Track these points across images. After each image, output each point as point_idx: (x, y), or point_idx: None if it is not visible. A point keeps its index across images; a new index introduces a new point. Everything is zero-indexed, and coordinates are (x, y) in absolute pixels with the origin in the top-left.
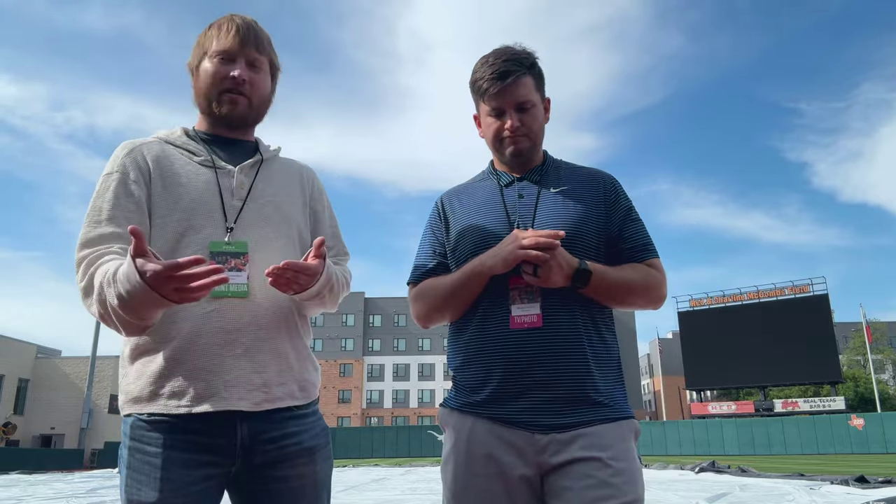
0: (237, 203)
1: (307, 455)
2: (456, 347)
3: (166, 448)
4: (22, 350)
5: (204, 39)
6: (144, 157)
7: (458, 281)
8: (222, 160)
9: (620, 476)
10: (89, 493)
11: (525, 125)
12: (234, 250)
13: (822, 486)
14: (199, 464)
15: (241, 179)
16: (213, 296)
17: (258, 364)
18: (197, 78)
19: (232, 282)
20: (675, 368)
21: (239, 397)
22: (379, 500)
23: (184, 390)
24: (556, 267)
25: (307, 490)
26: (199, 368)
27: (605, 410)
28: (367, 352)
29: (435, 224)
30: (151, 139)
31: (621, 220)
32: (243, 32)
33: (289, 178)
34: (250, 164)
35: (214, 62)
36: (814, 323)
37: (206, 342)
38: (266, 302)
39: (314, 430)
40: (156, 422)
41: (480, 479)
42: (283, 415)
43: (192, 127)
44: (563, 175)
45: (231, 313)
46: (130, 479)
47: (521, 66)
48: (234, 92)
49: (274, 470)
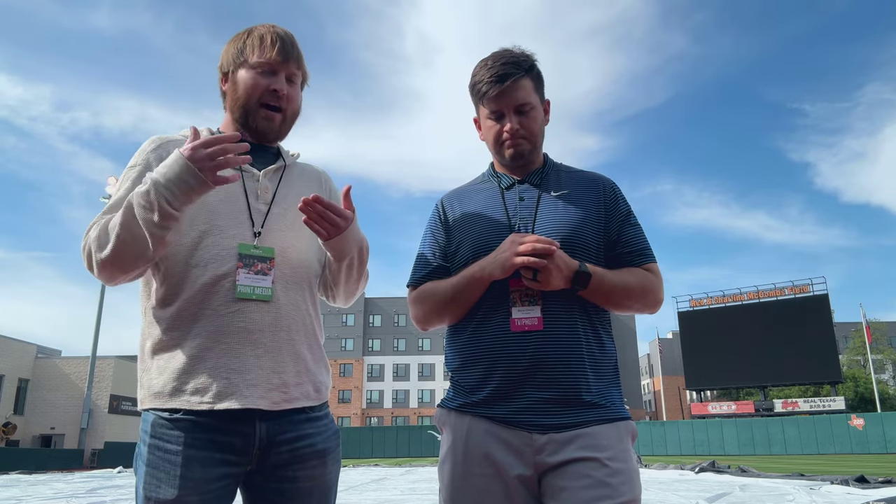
0: (262, 207)
1: (319, 458)
2: (455, 349)
3: (187, 446)
4: (22, 350)
5: (243, 46)
6: (170, 153)
7: (459, 286)
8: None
9: (618, 476)
10: (89, 493)
11: (524, 128)
12: (261, 255)
13: (822, 486)
14: (218, 462)
15: (266, 184)
16: (238, 297)
17: (278, 364)
18: (232, 85)
19: (257, 284)
20: (675, 368)
21: (259, 396)
22: (379, 500)
23: (206, 387)
24: (556, 270)
25: (315, 491)
26: (221, 367)
27: (602, 411)
28: (367, 352)
29: (435, 227)
30: (179, 136)
31: (620, 225)
32: (288, 47)
33: (309, 183)
34: (274, 169)
35: (256, 73)
36: (814, 323)
37: (230, 341)
38: (287, 305)
39: (327, 433)
40: (177, 420)
41: (478, 479)
42: (299, 416)
43: (218, 128)
44: (563, 179)
45: (254, 315)
46: (149, 477)
47: (519, 68)
48: (271, 107)
49: (286, 470)
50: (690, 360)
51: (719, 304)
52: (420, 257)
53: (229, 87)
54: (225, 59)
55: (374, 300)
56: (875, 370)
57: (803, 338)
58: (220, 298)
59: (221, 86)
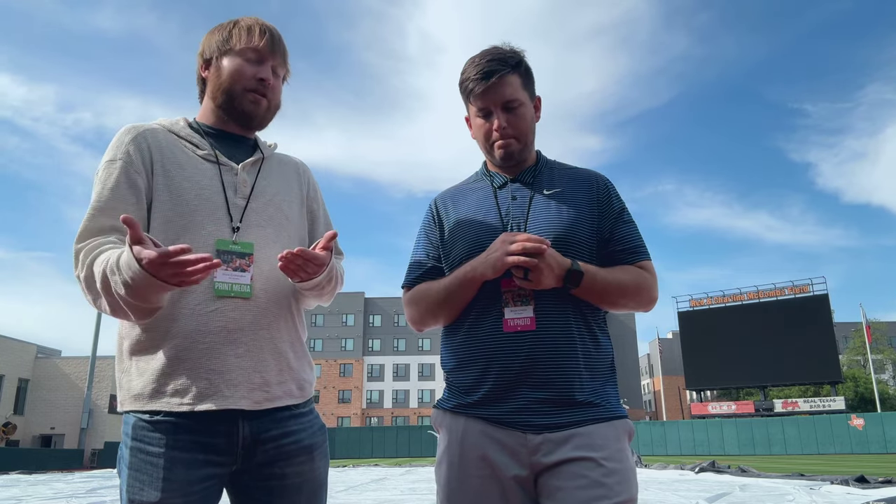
0: (240, 201)
1: (306, 453)
2: (449, 350)
3: (169, 448)
4: (22, 350)
5: (229, 35)
6: (149, 144)
7: (451, 286)
8: (224, 156)
9: (613, 476)
10: (89, 493)
11: (512, 125)
12: (240, 250)
13: (822, 486)
14: (202, 463)
15: (244, 177)
16: (216, 294)
17: (259, 363)
18: (216, 71)
19: (235, 281)
20: (675, 368)
21: (241, 396)
22: (379, 500)
23: (186, 388)
24: (547, 269)
25: (304, 487)
26: (201, 367)
27: (597, 410)
28: (367, 352)
29: (429, 227)
30: (155, 125)
31: (613, 223)
32: (276, 40)
33: (287, 176)
34: (251, 162)
35: (242, 61)
36: (814, 323)
37: (210, 341)
38: (267, 302)
39: (312, 429)
40: (158, 422)
41: (474, 481)
42: (283, 414)
43: (194, 119)
44: (556, 176)
45: (233, 313)
46: (132, 479)
47: (505, 64)
48: (258, 92)
49: (273, 468)
50: (690, 360)
51: (719, 304)
52: (414, 258)
53: (212, 74)
54: (207, 47)
55: (374, 300)
56: (875, 370)
57: (803, 338)
58: (198, 297)
59: (201, 72)
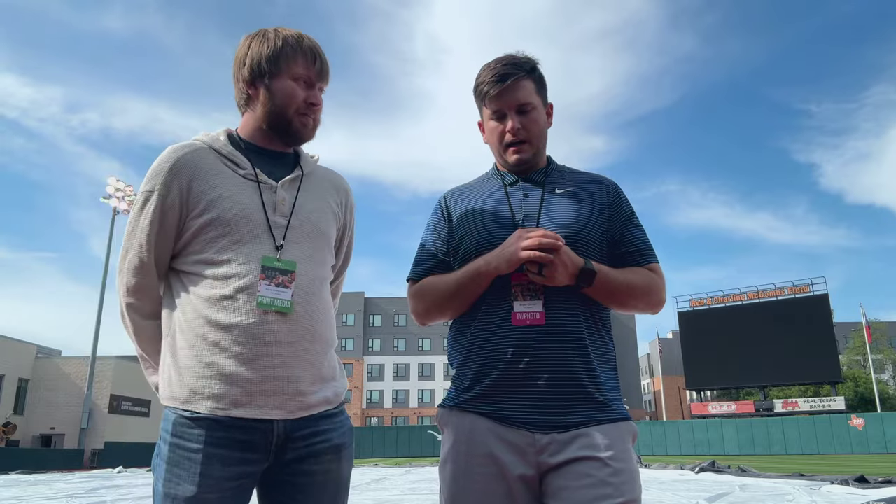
0: (280, 219)
1: (334, 452)
2: (457, 344)
3: (207, 445)
4: (22, 350)
5: (279, 55)
6: (189, 170)
7: (462, 280)
8: (264, 174)
9: (619, 476)
10: (89, 493)
11: (525, 127)
12: (283, 268)
13: (822, 486)
14: (238, 461)
15: (283, 195)
16: (258, 307)
17: (294, 375)
18: (267, 92)
19: (277, 297)
20: (675, 368)
21: (273, 407)
22: (379, 500)
23: (223, 394)
24: (561, 266)
25: (329, 486)
26: (238, 377)
27: (605, 411)
28: (367, 352)
29: (437, 222)
30: (197, 142)
31: (623, 225)
32: (326, 66)
33: (326, 193)
34: (290, 180)
35: (297, 85)
36: (814, 323)
37: (249, 352)
38: (304, 316)
39: (342, 429)
40: (198, 418)
41: (480, 479)
42: (315, 416)
43: (236, 130)
44: (567, 178)
45: (272, 326)
46: (169, 474)
47: (520, 69)
48: (307, 115)
49: (302, 465)
50: (690, 360)
51: (719, 304)
52: (421, 251)
53: (263, 94)
54: (253, 61)
55: (374, 300)
56: (875, 370)
57: (803, 338)
58: (240, 310)
59: (247, 89)
